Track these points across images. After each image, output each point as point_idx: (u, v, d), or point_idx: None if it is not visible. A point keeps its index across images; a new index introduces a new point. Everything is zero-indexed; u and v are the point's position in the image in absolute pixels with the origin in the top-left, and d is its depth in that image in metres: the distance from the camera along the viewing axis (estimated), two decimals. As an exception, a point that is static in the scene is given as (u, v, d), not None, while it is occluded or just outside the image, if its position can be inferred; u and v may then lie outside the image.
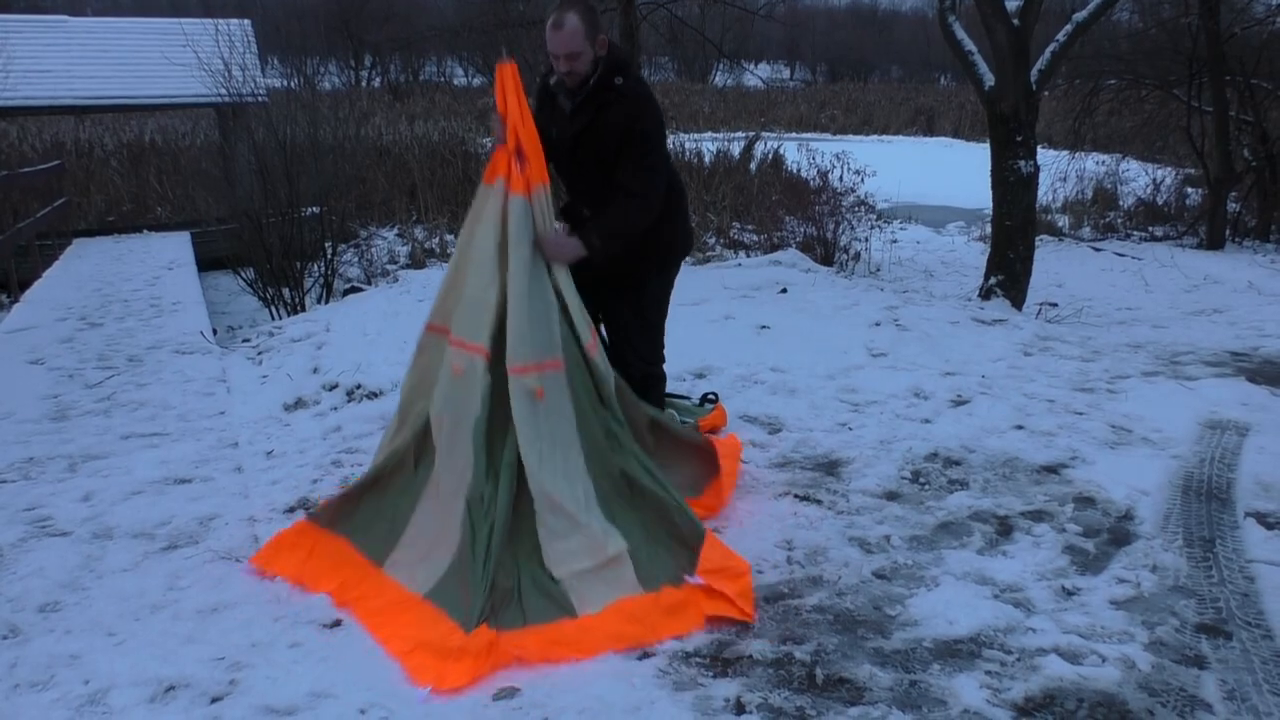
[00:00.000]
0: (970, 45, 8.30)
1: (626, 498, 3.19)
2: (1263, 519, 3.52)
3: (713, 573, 2.96)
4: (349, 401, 5.11)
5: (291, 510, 3.75)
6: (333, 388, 5.30)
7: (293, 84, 14.41)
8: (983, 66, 8.17)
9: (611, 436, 3.27)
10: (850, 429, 4.55)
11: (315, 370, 5.66)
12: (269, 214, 10.21)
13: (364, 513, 3.26)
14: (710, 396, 4.64)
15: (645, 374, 3.83)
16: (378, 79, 42.40)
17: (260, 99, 11.66)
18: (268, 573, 3.18)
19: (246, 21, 14.29)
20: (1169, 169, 17.42)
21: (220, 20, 13.42)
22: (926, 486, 3.90)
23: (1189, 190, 16.36)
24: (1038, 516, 3.60)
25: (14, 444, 4.66)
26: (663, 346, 4.02)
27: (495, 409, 3.11)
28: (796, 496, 3.77)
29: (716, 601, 2.90)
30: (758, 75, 40.75)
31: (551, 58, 3.39)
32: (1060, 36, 8.20)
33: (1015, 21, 7.87)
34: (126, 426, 4.93)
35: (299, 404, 5.20)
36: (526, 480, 3.03)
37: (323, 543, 3.21)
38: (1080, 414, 4.75)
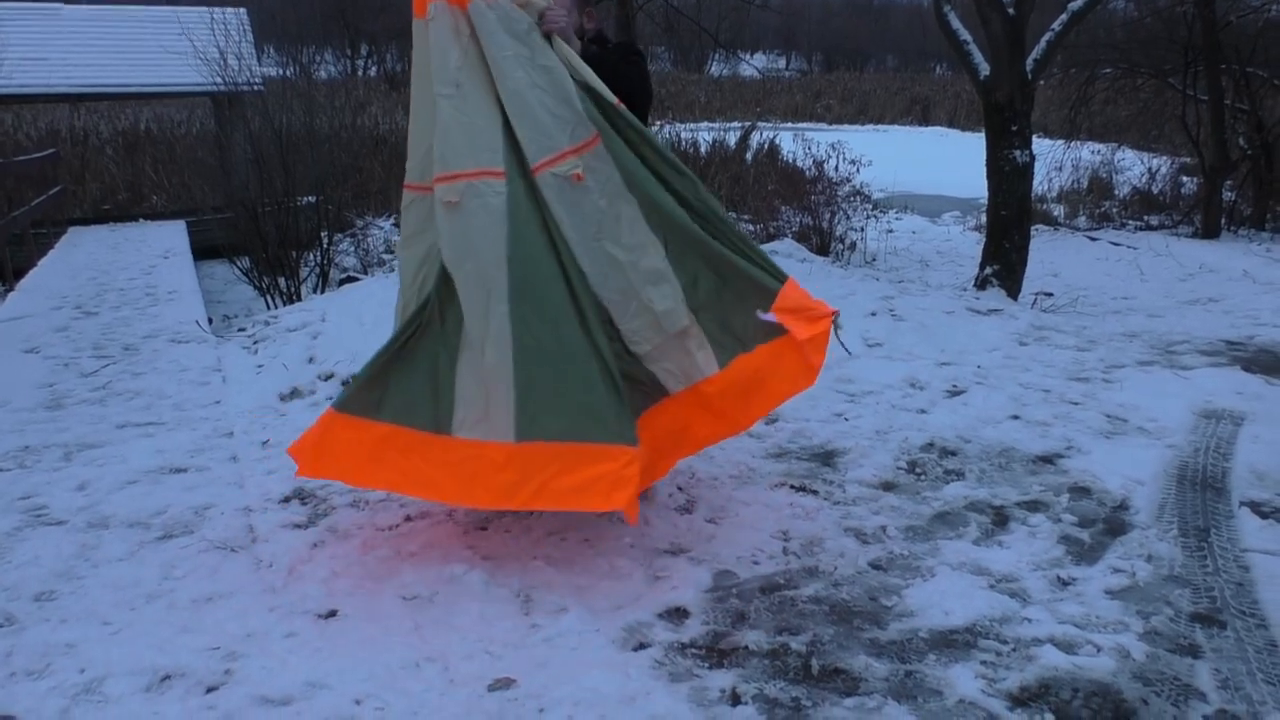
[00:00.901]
0: (965, 35, 8.28)
1: (698, 249, 3.11)
2: (1257, 508, 3.53)
3: (789, 311, 2.96)
4: (345, 391, 5.10)
5: (287, 500, 3.75)
6: (328, 377, 5.29)
7: (289, 73, 14.35)
8: (978, 56, 8.16)
9: (671, 188, 3.13)
10: (846, 419, 4.56)
11: (311, 360, 5.65)
12: (265, 203, 10.18)
13: (399, 390, 3.13)
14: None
15: None
16: (374, 68, 42.26)
17: (256, 88, 11.60)
18: (321, 476, 3.21)
19: (242, 10, 14.20)
20: (1164, 158, 17.40)
21: (216, 9, 13.34)
22: (923, 477, 3.90)
23: (1184, 179, 16.35)
24: (1033, 507, 3.60)
25: (9, 432, 4.65)
26: None
27: (522, 230, 2.97)
28: (793, 487, 3.78)
29: (785, 361, 2.97)
30: (753, 65, 40.63)
31: None
32: (1056, 26, 8.18)
33: (1010, 11, 7.84)
34: (122, 415, 4.92)
35: (294, 393, 5.19)
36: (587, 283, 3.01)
37: (368, 433, 3.11)
38: (1076, 404, 4.75)
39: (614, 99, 3.09)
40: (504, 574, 3.06)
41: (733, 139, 17.88)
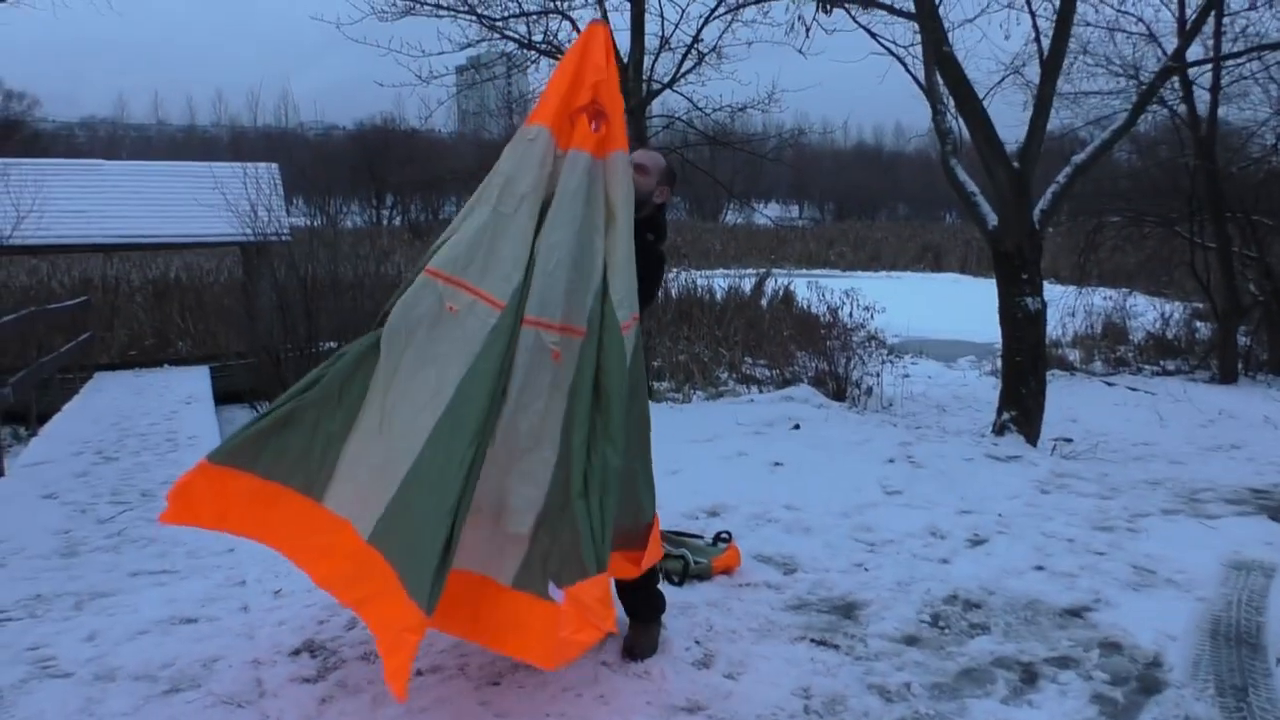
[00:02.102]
0: (972, 186, 8.52)
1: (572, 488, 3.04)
2: (1296, 666, 3.41)
3: (580, 603, 2.79)
4: (359, 539, 5.06)
5: (297, 652, 3.68)
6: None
7: (316, 223, 14.86)
8: (985, 206, 8.37)
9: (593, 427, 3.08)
10: (867, 569, 4.48)
11: (327, 506, 5.63)
12: (287, 348, 10.37)
13: (277, 447, 3.12)
14: (724, 535, 4.59)
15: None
16: (399, 217, 43.75)
17: (284, 238, 12.00)
18: (183, 522, 3.15)
19: (274, 165, 14.83)
20: (1176, 303, 17.57)
21: (249, 164, 13.94)
22: (947, 630, 3.80)
23: (1198, 324, 16.46)
24: (1063, 663, 3.49)
25: (22, 580, 4.61)
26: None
27: (483, 364, 2.96)
28: (813, 641, 3.68)
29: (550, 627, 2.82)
30: (767, 215, 41.77)
31: None
32: (1060, 178, 8.42)
33: (1015, 164, 8.10)
34: (136, 563, 4.89)
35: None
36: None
37: (237, 483, 3.10)
38: (1101, 554, 4.67)
39: (629, 317, 3.13)
40: (517, 733, 2.96)
41: (748, 285, 18.22)
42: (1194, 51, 11.14)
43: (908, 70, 9.22)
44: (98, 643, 3.83)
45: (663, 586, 4.05)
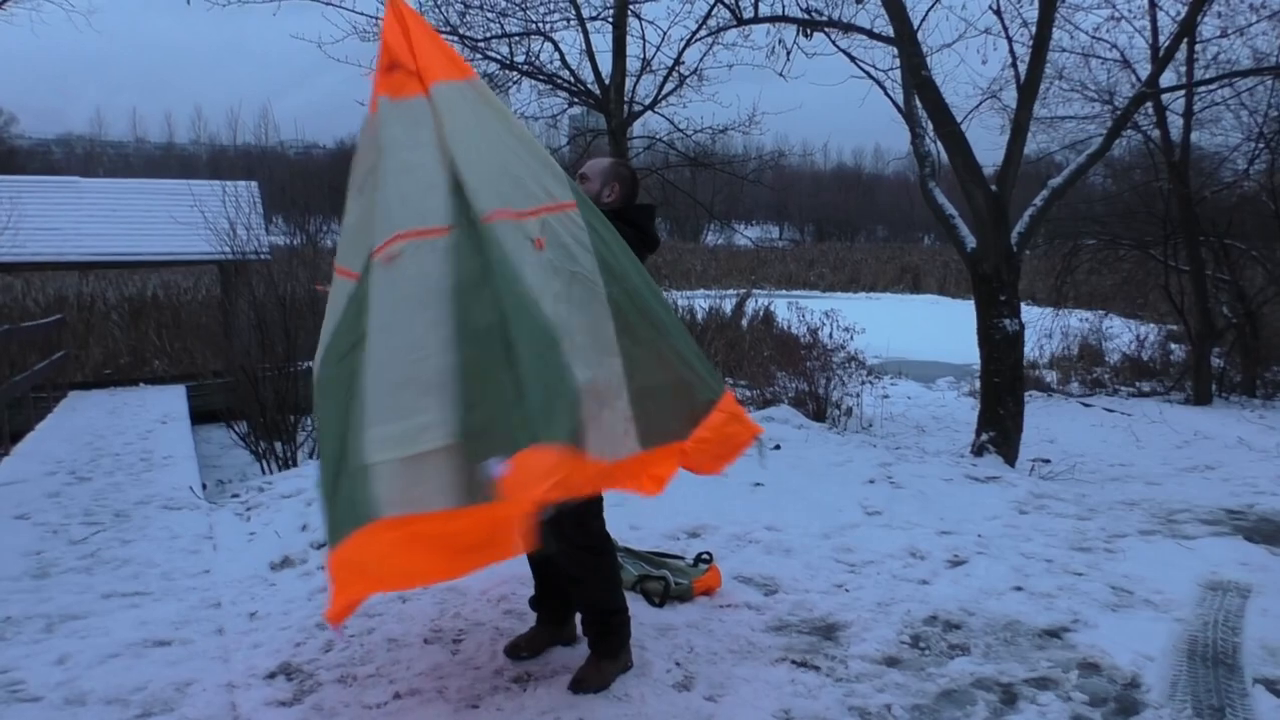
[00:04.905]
0: (951, 209, 8.61)
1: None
2: (1271, 686, 3.42)
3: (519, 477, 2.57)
4: (337, 560, 5.01)
5: (272, 675, 3.63)
6: (321, 546, 5.21)
7: (295, 241, 14.80)
8: (964, 229, 8.45)
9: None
10: (847, 590, 4.47)
11: (304, 528, 5.58)
12: (265, 367, 10.30)
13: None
14: (704, 556, 4.57)
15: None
16: (378, 237, 43.52)
17: (263, 256, 11.94)
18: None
19: (254, 183, 14.77)
20: (1151, 325, 17.76)
21: (228, 182, 13.88)
22: (927, 651, 3.80)
23: (1173, 346, 16.64)
24: (1042, 684, 3.49)
25: (-9, 604, 4.54)
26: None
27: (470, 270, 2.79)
28: (794, 662, 3.67)
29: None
30: (747, 236, 41.99)
31: None
32: (1037, 201, 8.52)
33: (993, 187, 8.18)
34: (108, 585, 4.82)
35: (285, 562, 5.10)
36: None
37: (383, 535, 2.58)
38: (1080, 574, 4.68)
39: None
40: (495, 757, 2.93)
41: (728, 306, 18.28)
42: (1167, 78, 11.36)
43: (887, 94, 9.33)
44: (68, 666, 3.76)
45: (642, 608, 4.04)
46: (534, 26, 10.56)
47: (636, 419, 3.03)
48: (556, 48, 10.74)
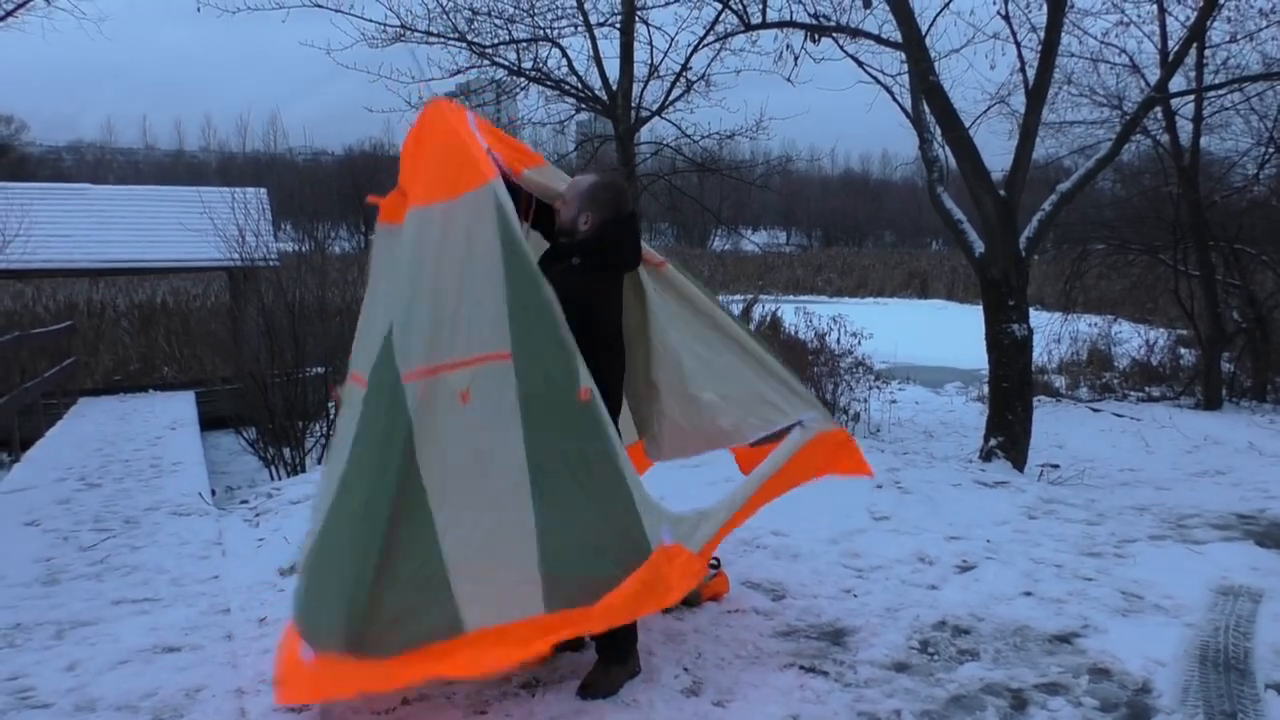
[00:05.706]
0: (959, 214, 8.59)
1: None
2: (1284, 692, 3.40)
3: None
4: (345, 565, 5.02)
5: (282, 681, 3.63)
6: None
7: (304, 248, 14.84)
8: (972, 234, 8.43)
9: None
10: (855, 595, 4.46)
11: (312, 533, 5.58)
12: (274, 374, 10.33)
13: (392, 613, 2.92)
14: (712, 561, 4.57)
15: None
16: (386, 243, 43.61)
17: (272, 262, 11.97)
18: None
19: (263, 190, 14.82)
20: (1161, 330, 17.68)
21: (237, 189, 13.93)
22: (936, 657, 3.79)
23: (1182, 350, 16.56)
24: (1052, 689, 3.48)
25: (2, 609, 4.56)
26: None
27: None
28: (802, 668, 3.66)
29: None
30: (754, 241, 42.04)
31: None
32: (1046, 206, 8.49)
33: (1002, 192, 8.17)
34: (118, 591, 4.83)
35: (294, 569, 5.10)
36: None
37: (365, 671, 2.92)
38: (1089, 579, 4.66)
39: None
40: (503, 763, 2.93)
41: (736, 311, 18.25)
42: (1176, 83, 11.30)
43: (895, 99, 9.31)
44: (78, 672, 3.78)
45: (648, 616, 4.03)
46: (542, 33, 10.60)
47: (544, 580, 3.02)
48: (564, 54, 10.78)
